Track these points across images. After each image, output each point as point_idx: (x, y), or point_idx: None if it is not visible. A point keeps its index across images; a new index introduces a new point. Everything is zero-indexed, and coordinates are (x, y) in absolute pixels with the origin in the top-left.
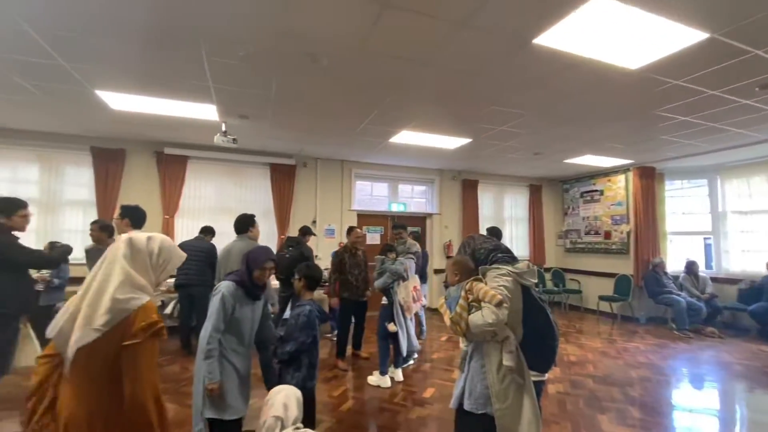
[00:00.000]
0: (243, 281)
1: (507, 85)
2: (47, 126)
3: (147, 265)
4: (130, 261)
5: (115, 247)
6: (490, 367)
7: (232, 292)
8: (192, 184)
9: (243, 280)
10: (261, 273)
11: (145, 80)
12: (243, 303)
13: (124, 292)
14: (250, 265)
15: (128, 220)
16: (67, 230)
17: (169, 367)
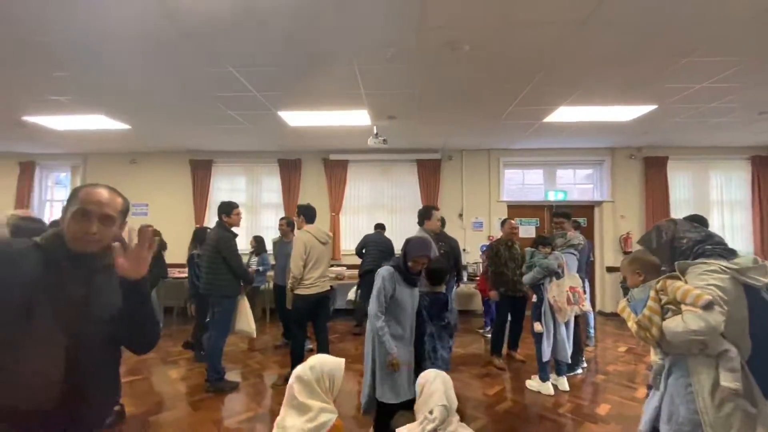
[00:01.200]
0: (399, 266)
1: (715, 26)
2: (249, 146)
3: (318, 391)
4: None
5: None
6: (699, 387)
7: (390, 274)
8: (352, 184)
9: (399, 265)
10: (414, 264)
11: (311, 97)
12: (401, 286)
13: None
14: (408, 253)
15: (302, 216)
16: (265, 226)
17: (342, 344)
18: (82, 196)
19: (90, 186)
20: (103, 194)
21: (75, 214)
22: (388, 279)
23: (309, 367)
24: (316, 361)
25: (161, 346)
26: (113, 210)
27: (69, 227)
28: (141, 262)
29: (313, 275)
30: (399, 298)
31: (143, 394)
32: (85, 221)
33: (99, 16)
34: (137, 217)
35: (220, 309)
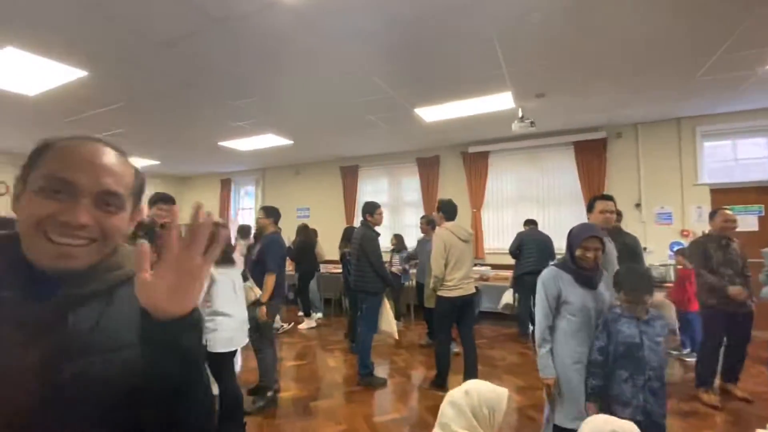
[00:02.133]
0: (565, 264)
1: None
2: (389, 148)
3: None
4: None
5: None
6: None
7: (552, 275)
8: (494, 177)
9: (565, 262)
10: (583, 253)
11: (446, 88)
12: (573, 287)
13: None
14: (572, 243)
15: (442, 213)
16: (406, 225)
17: (490, 351)
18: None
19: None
20: (97, 151)
21: (40, 191)
22: (550, 282)
23: (464, 391)
24: (473, 387)
25: (322, 334)
26: (119, 184)
27: (27, 220)
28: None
29: (455, 276)
30: (572, 303)
31: (306, 379)
32: (63, 203)
33: (256, 48)
34: (302, 219)
35: (368, 305)
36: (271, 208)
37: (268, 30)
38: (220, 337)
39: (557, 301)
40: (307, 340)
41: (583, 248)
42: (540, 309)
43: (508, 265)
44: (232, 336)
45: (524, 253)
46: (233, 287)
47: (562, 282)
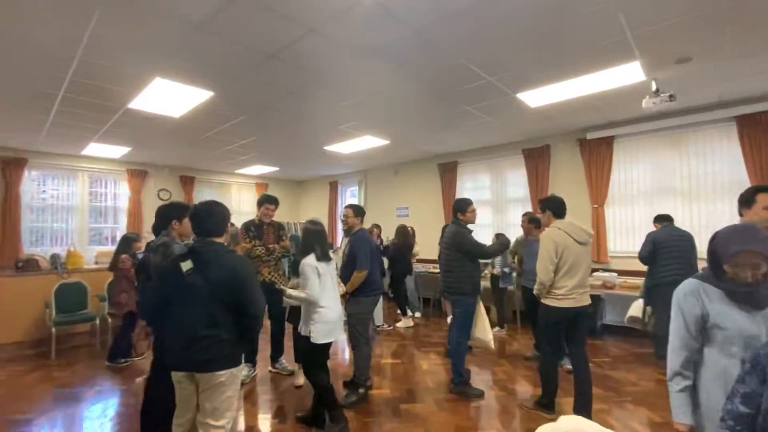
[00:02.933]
0: (709, 276)
1: None
2: (491, 141)
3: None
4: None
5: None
6: None
7: (692, 290)
8: (621, 166)
9: (710, 274)
10: (735, 269)
11: (554, 65)
12: (724, 306)
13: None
14: (719, 253)
15: (549, 211)
16: (511, 224)
17: (613, 373)
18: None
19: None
20: None
21: None
22: (690, 300)
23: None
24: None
25: (419, 334)
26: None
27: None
28: None
29: (567, 284)
30: (725, 329)
31: (399, 379)
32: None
33: (350, 48)
34: (401, 218)
35: (459, 309)
36: (358, 206)
37: (357, 29)
38: (321, 329)
39: (701, 324)
40: (403, 339)
41: (734, 264)
42: (674, 334)
43: (639, 272)
44: (331, 329)
45: (660, 257)
46: (332, 282)
47: (707, 299)
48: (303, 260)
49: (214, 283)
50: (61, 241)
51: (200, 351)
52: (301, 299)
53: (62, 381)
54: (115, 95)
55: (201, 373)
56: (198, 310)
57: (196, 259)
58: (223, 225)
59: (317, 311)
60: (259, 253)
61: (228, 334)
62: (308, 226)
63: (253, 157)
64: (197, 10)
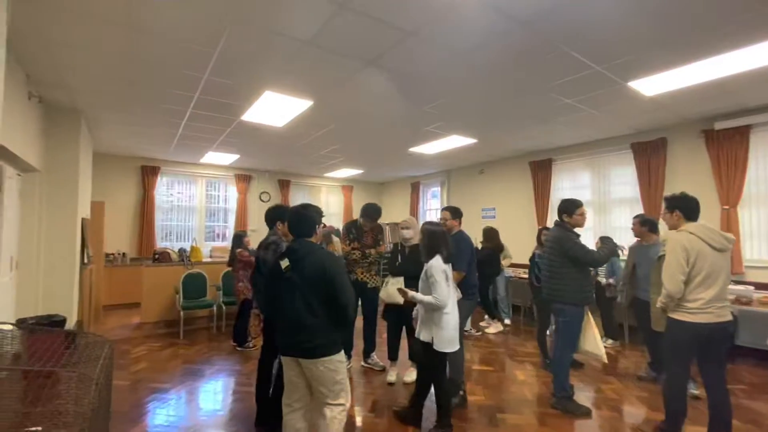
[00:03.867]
0: None
1: None
2: (593, 135)
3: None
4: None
5: None
6: None
7: None
8: (759, 161)
9: None
10: None
11: (681, 46)
12: None
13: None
14: None
15: (678, 211)
16: (617, 227)
17: (753, 403)
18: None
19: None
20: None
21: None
22: None
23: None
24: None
25: (509, 342)
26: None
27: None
28: None
29: (702, 296)
30: None
31: (493, 387)
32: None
33: (449, 48)
34: (487, 219)
35: (564, 319)
36: (455, 208)
37: (459, 29)
38: (445, 336)
39: None
40: (493, 345)
41: None
42: None
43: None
44: (454, 336)
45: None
46: (453, 286)
47: None
48: (431, 262)
49: (309, 277)
50: (183, 237)
51: (304, 339)
52: (429, 304)
53: (189, 358)
54: (231, 109)
55: (305, 359)
56: (299, 302)
57: (292, 257)
58: (313, 226)
59: (442, 317)
60: (356, 257)
61: (326, 323)
62: (430, 227)
63: (341, 161)
64: (307, 26)
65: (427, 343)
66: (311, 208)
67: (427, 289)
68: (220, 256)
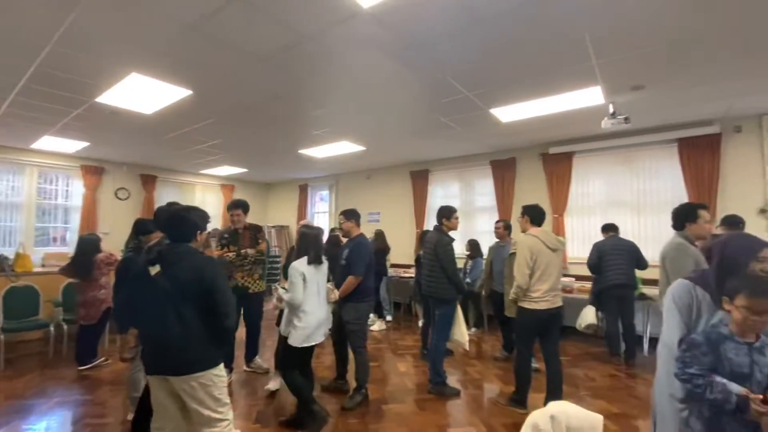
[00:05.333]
0: (707, 282)
1: None
2: (462, 151)
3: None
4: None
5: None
6: None
7: (688, 292)
8: (579, 179)
9: (707, 280)
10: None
11: (528, 85)
12: (709, 314)
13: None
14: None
15: (528, 217)
16: (480, 231)
17: (572, 370)
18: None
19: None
20: None
21: None
22: (684, 301)
23: (550, 416)
24: (560, 411)
25: (392, 338)
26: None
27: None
28: None
29: (541, 287)
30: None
31: (378, 381)
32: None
33: (340, 57)
34: (372, 223)
35: (441, 312)
36: (352, 210)
37: (349, 39)
38: (299, 333)
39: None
40: (377, 342)
41: (762, 260)
42: (667, 327)
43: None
44: (310, 333)
45: (605, 265)
46: (317, 287)
47: (702, 305)
48: (292, 264)
49: (184, 284)
50: (4, 242)
51: (175, 354)
52: (286, 302)
53: (14, 392)
54: (83, 88)
55: (176, 377)
56: (170, 313)
57: (163, 262)
58: (194, 232)
59: (299, 315)
60: (230, 259)
61: (201, 336)
62: (305, 230)
63: (222, 158)
64: (195, 10)
65: (285, 338)
66: (195, 211)
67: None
68: (56, 264)
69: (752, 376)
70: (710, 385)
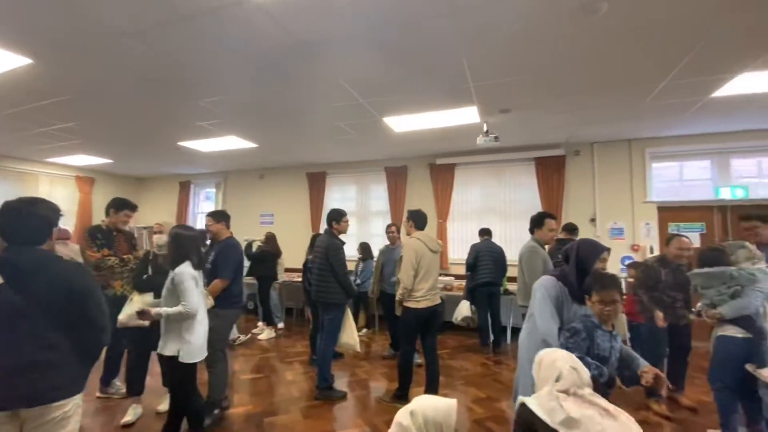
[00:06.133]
0: (566, 277)
1: None
2: (358, 156)
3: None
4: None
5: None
6: None
7: (553, 285)
8: (460, 189)
9: (566, 275)
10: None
11: (417, 99)
12: (566, 304)
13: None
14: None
15: (412, 222)
16: (374, 234)
17: (453, 361)
18: None
19: None
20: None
21: None
22: (553, 293)
23: (410, 412)
24: (419, 407)
25: (282, 345)
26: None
27: None
28: None
29: (423, 286)
30: (567, 322)
31: (262, 393)
32: None
33: (225, 46)
34: (265, 225)
35: (330, 317)
36: (220, 212)
37: (236, 28)
38: (194, 347)
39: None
40: (265, 351)
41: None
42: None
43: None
44: (203, 344)
45: (479, 264)
46: (201, 293)
47: (563, 296)
48: (178, 270)
49: (46, 299)
50: None
51: (30, 381)
52: (178, 314)
53: None
54: None
55: (32, 408)
56: (23, 334)
57: (12, 272)
58: (45, 230)
59: (192, 326)
60: (113, 263)
61: (66, 356)
62: (181, 231)
63: (77, 145)
64: None
65: (173, 356)
66: (44, 204)
67: (172, 298)
68: None
69: (610, 359)
70: (589, 365)
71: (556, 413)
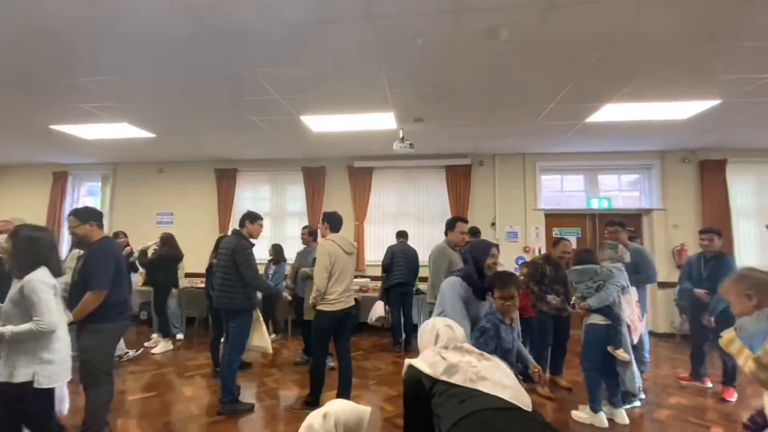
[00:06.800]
0: (470, 276)
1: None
2: (274, 154)
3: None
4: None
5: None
6: None
7: (460, 283)
8: (377, 192)
9: (470, 274)
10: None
11: (334, 100)
12: (471, 301)
13: None
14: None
15: (327, 224)
16: (290, 236)
17: (367, 362)
18: None
19: None
20: None
21: None
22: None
23: (322, 414)
24: (332, 409)
25: (180, 359)
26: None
27: None
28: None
29: (337, 289)
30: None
31: (154, 414)
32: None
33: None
34: (162, 225)
35: (235, 324)
36: (87, 209)
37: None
38: (55, 369)
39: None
40: (160, 366)
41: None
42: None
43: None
44: (67, 366)
45: (394, 265)
46: (60, 304)
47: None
48: (30, 277)
49: None
50: None
51: None
52: (30, 333)
53: None
54: None
55: None
56: None
57: None
58: None
59: (52, 343)
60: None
61: None
62: (30, 232)
63: None
64: None
65: (24, 383)
66: None
67: (17, 312)
68: None
69: (512, 350)
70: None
71: (438, 365)
